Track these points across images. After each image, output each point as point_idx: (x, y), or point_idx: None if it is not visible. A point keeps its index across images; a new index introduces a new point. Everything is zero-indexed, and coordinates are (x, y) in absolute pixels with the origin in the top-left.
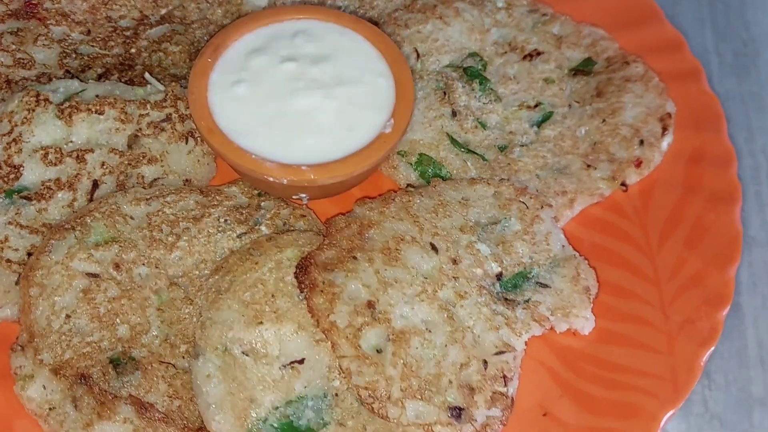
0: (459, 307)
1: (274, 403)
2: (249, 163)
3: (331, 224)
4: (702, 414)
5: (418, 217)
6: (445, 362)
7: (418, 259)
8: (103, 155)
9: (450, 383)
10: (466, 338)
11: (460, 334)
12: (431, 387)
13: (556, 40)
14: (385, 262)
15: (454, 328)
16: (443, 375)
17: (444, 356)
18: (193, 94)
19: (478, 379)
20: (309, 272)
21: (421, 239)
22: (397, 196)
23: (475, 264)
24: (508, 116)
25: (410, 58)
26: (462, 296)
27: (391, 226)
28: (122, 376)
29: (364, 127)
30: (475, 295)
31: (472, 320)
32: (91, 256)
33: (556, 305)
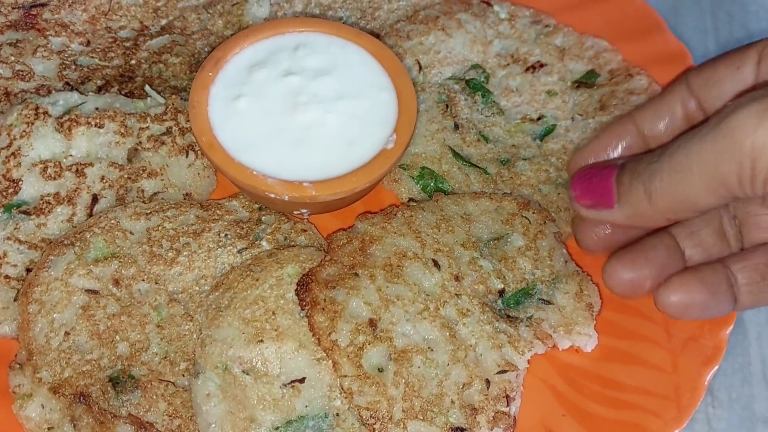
0: (461, 325)
1: (275, 423)
2: (250, 179)
3: (332, 240)
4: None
5: (420, 232)
6: (448, 382)
7: (420, 276)
8: (103, 169)
9: (452, 403)
10: (469, 357)
11: (463, 352)
12: (433, 407)
13: (559, 51)
14: (386, 278)
15: (457, 347)
16: (445, 395)
17: (446, 375)
18: (193, 108)
19: (480, 399)
20: (310, 289)
21: (423, 255)
22: (399, 211)
23: (477, 281)
24: (510, 129)
25: (412, 70)
26: (464, 314)
27: (393, 242)
28: (122, 394)
29: (366, 142)
30: (478, 312)
31: (474, 338)
32: (91, 272)
33: (558, 322)
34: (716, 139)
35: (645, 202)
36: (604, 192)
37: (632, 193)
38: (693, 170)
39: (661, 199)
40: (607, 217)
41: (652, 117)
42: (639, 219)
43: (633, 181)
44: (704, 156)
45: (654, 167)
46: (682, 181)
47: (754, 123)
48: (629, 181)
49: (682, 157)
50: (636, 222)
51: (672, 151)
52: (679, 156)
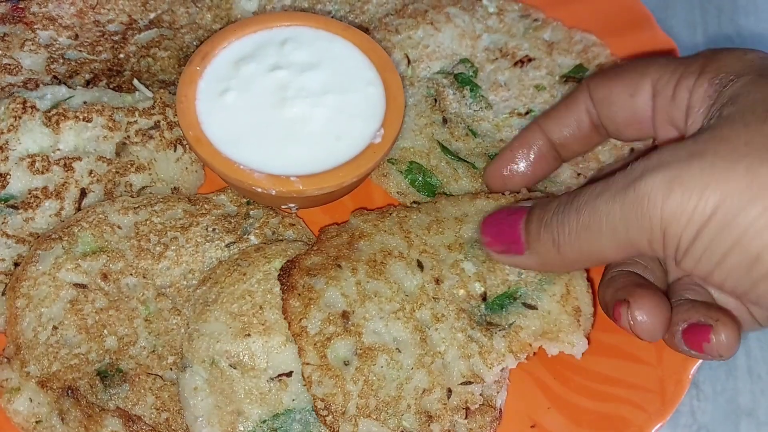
0: (434, 330)
1: (262, 416)
2: (237, 173)
3: (323, 232)
4: (690, 425)
5: (410, 232)
6: (408, 385)
7: (402, 275)
8: (91, 163)
9: (408, 407)
10: (435, 363)
11: (430, 358)
12: (388, 408)
13: (548, 46)
14: (368, 274)
15: (425, 352)
16: (403, 398)
17: (408, 379)
18: (181, 102)
19: (438, 407)
20: (291, 275)
21: (408, 255)
22: (395, 211)
23: (458, 285)
24: (498, 124)
25: (401, 65)
26: (438, 319)
27: (381, 239)
28: (110, 388)
29: (353, 136)
30: (453, 318)
31: (444, 345)
32: (79, 266)
33: (543, 329)
34: (625, 205)
35: (554, 253)
36: (513, 239)
37: (540, 243)
38: (602, 230)
39: (570, 251)
40: (519, 263)
41: (558, 125)
42: (550, 266)
43: (541, 231)
44: (613, 219)
45: (562, 219)
46: (590, 239)
47: (663, 193)
48: (537, 230)
49: (590, 216)
50: (547, 269)
51: (579, 206)
52: (587, 213)
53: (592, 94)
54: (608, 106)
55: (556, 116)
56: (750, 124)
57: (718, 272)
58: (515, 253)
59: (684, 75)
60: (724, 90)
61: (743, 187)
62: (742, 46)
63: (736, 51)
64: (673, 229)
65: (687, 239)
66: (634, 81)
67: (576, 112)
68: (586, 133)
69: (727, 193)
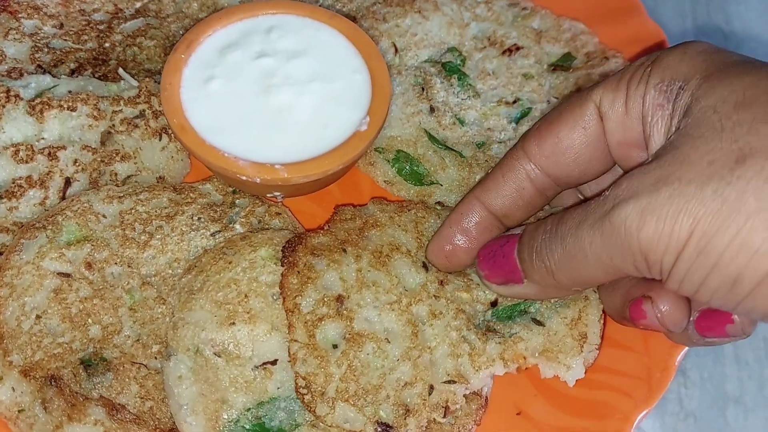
0: (428, 326)
1: (246, 404)
2: (221, 161)
3: (337, 212)
4: (677, 412)
5: (423, 235)
6: (391, 376)
7: (405, 272)
8: (76, 152)
9: (387, 398)
10: (422, 358)
11: (417, 352)
12: (367, 396)
13: (536, 34)
14: (371, 263)
15: (414, 345)
16: (383, 388)
17: (392, 370)
18: (165, 90)
19: (417, 402)
20: (295, 251)
21: (416, 255)
22: (415, 209)
23: (462, 288)
24: (486, 112)
25: (388, 53)
26: (435, 316)
27: (393, 233)
28: (93, 377)
29: (339, 124)
30: (450, 317)
31: (435, 341)
32: (63, 255)
33: (544, 346)
34: (603, 235)
35: (550, 278)
36: (511, 269)
37: (535, 270)
38: (587, 258)
39: (563, 278)
40: (520, 293)
41: (497, 196)
42: (550, 292)
43: (534, 258)
44: (596, 248)
45: (549, 247)
46: (578, 266)
47: (637, 223)
48: (529, 258)
49: (574, 245)
50: (549, 295)
51: (563, 235)
52: (571, 242)
53: (531, 154)
54: (562, 153)
55: (494, 187)
56: (708, 139)
57: (702, 293)
58: (515, 283)
59: (631, 83)
60: (676, 100)
61: (714, 212)
62: (732, 34)
63: (676, 49)
64: (653, 256)
65: (668, 264)
66: (579, 112)
67: (514, 179)
68: (529, 200)
69: (699, 217)
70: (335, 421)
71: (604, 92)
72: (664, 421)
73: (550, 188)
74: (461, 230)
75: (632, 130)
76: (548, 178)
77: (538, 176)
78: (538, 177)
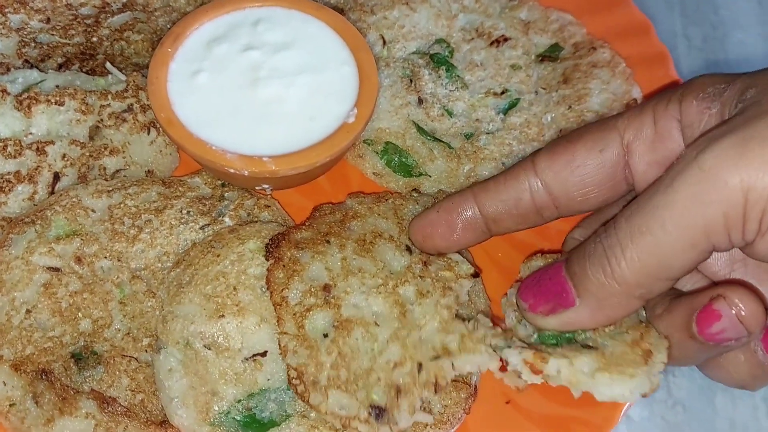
0: (417, 305)
1: (237, 396)
2: (209, 154)
3: (317, 209)
4: (665, 400)
5: (404, 220)
6: (381, 358)
7: (390, 257)
8: (64, 147)
9: (378, 380)
10: (411, 337)
11: (406, 331)
12: (358, 381)
13: (524, 25)
14: (356, 251)
15: (402, 325)
16: (374, 371)
17: (381, 352)
18: (152, 84)
19: (407, 381)
20: (279, 246)
21: (398, 239)
22: (392, 198)
23: (444, 267)
24: (474, 103)
25: (376, 45)
26: (423, 295)
27: (374, 222)
28: (84, 370)
29: (327, 116)
30: (438, 295)
31: (425, 319)
32: (52, 250)
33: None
34: (691, 184)
35: (609, 285)
36: (559, 290)
37: (591, 279)
38: (666, 227)
39: (628, 273)
40: (573, 319)
41: (494, 199)
42: (609, 308)
43: (588, 267)
44: (679, 207)
45: (610, 242)
46: (651, 244)
47: (736, 156)
48: (581, 268)
49: (646, 218)
50: (607, 314)
51: (629, 216)
52: (641, 218)
53: (539, 168)
54: (572, 171)
55: (493, 189)
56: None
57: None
58: (565, 307)
59: (658, 109)
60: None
61: None
62: (720, 24)
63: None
64: (756, 193)
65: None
66: (600, 136)
67: (516, 188)
68: (523, 213)
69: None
70: (329, 408)
71: (629, 121)
72: (653, 409)
73: (548, 209)
74: (447, 220)
75: (665, 149)
76: (549, 197)
77: (539, 191)
78: (540, 192)
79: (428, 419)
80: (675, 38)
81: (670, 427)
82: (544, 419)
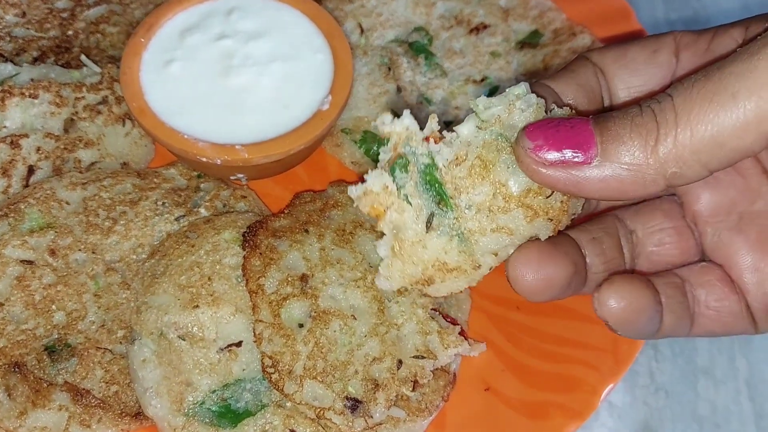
0: (394, 302)
1: (211, 387)
2: (181, 143)
3: (297, 197)
4: (647, 385)
5: None
6: (359, 352)
7: (370, 248)
8: (39, 140)
9: (356, 373)
10: (389, 334)
11: (385, 328)
12: (335, 372)
13: (503, 12)
14: (334, 241)
15: (381, 321)
16: (351, 364)
17: (359, 346)
18: (125, 74)
19: (386, 376)
20: (256, 234)
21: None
22: None
23: None
24: (453, 91)
25: (354, 34)
26: (401, 292)
27: (355, 211)
28: (57, 363)
29: (300, 104)
30: (416, 294)
31: (402, 318)
32: (26, 242)
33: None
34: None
35: (643, 153)
36: (581, 141)
37: (624, 141)
38: (737, 97)
39: (673, 145)
40: (580, 179)
41: (564, 84)
42: (628, 181)
43: (630, 128)
44: (762, 77)
45: (663, 106)
46: (712, 115)
47: None
48: (619, 127)
49: (716, 84)
50: (620, 187)
51: (693, 81)
52: (709, 83)
53: (596, 60)
54: (623, 66)
55: (562, 76)
56: None
57: None
58: (579, 163)
59: (721, 31)
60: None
61: None
62: (702, 9)
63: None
64: None
65: None
66: (655, 39)
67: (582, 75)
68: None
69: None
70: (304, 398)
71: (684, 33)
72: (635, 394)
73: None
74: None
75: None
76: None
77: (593, 81)
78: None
79: (401, 415)
80: (657, 24)
81: (652, 411)
82: (523, 405)
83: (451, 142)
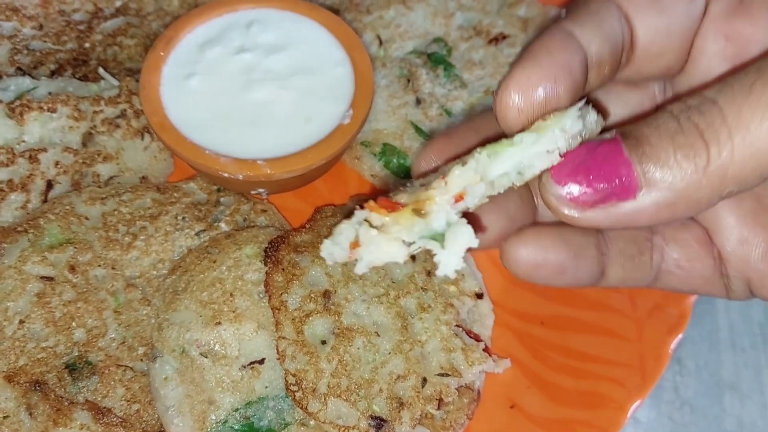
0: (418, 319)
1: (234, 405)
2: (203, 159)
3: (318, 211)
4: (673, 401)
5: None
6: (383, 370)
7: (392, 264)
8: (57, 154)
9: (380, 391)
10: (413, 351)
11: (409, 345)
12: (359, 390)
13: (522, 22)
14: None
15: (404, 338)
16: (376, 382)
17: (383, 363)
18: (144, 89)
19: (411, 395)
20: (278, 250)
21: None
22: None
23: (450, 281)
24: (473, 102)
25: (372, 45)
26: (424, 309)
27: None
28: (78, 381)
29: (322, 118)
30: (439, 311)
31: (426, 335)
32: (45, 258)
33: None
34: None
35: (695, 175)
36: (618, 175)
37: (670, 166)
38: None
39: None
40: (629, 215)
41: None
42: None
43: (673, 150)
44: None
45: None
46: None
47: None
48: (659, 150)
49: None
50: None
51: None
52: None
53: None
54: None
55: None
56: None
57: None
58: (623, 198)
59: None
60: None
61: None
62: None
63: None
64: None
65: None
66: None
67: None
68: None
69: None
70: (328, 417)
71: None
72: (660, 409)
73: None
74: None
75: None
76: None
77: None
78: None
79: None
80: None
81: (677, 427)
82: (549, 423)
83: None
